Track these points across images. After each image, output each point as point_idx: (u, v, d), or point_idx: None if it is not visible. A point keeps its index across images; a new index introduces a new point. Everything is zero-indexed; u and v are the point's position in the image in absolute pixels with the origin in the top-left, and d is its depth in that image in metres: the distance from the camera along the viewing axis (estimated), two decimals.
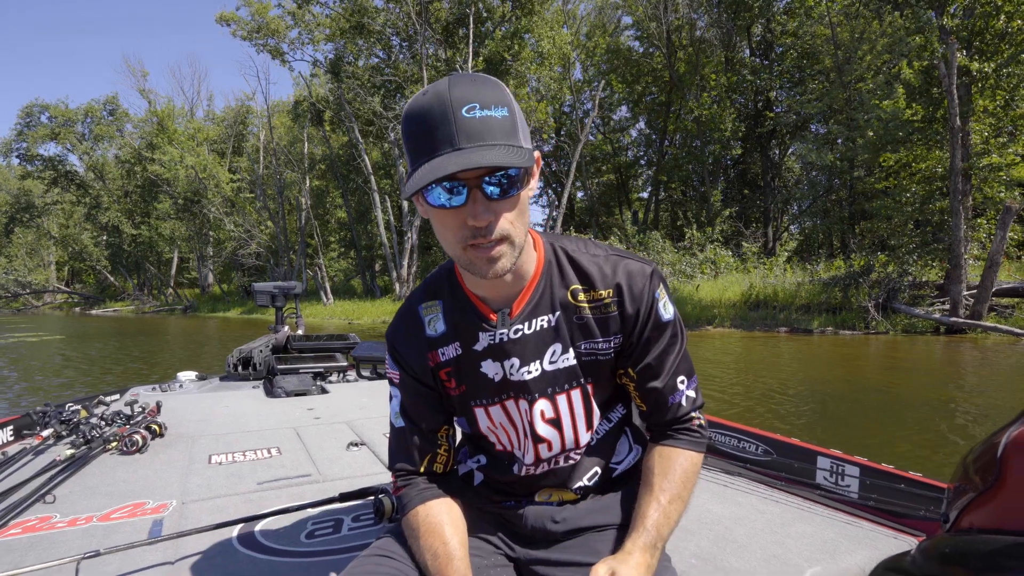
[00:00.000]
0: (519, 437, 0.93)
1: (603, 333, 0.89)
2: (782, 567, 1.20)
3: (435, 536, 0.86)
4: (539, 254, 0.89)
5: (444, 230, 0.77)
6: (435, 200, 0.74)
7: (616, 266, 0.88)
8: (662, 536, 0.84)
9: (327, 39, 22.76)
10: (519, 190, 0.76)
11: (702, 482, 1.73)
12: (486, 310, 0.88)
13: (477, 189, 0.73)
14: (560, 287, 0.88)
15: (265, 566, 1.21)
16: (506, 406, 0.92)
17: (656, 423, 0.95)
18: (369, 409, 2.71)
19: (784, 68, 21.83)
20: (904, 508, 1.42)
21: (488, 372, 0.90)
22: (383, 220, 23.49)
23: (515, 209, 0.76)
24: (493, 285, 0.85)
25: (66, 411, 2.31)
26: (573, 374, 0.90)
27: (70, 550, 1.24)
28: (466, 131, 0.71)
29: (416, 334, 0.93)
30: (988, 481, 0.73)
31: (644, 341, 0.89)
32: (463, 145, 0.70)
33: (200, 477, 1.77)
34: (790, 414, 4.87)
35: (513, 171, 0.73)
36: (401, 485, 0.95)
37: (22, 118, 33.02)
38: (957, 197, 11.03)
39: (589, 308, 0.88)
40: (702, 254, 17.45)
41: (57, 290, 41.50)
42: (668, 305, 0.91)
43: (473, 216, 0.73)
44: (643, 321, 0.88)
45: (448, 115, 0.71)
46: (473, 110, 0.71)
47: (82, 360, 9.91)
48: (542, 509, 0.97)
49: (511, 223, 0.76)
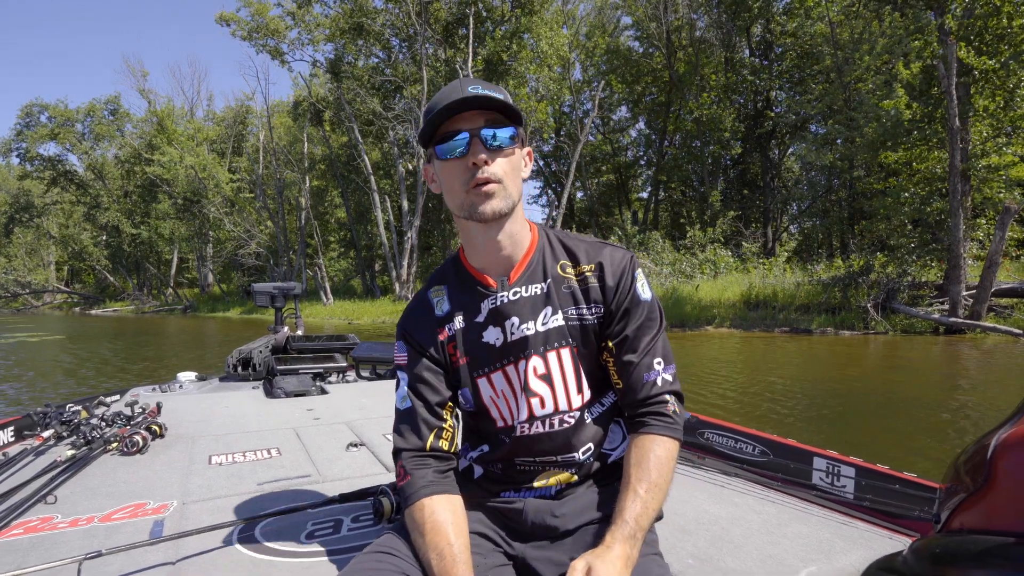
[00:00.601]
0: (518, 405, 1.00)
1: (586, 301, 1.00)
2: (778, 567, 1.21)
3: (440, 535, 0.88)
4: (533, 235, 1.03)
5: (451, 179, 0.93)
6: (445, 153, 0.92)
7: (599, 249, 1.02)
8: (641, 526, 0.87)
9: (327, 39, 22.77)
10: (513, 145, 0.93)
11: (699, 482, 1.74)
12: (485, 279, 1.00)
13: (477, 138, 0.90)
14: (551, 261, 1.01)
15: (266, 566, 1.22)
16: (506, 371, 1.00)
17: (631, 402, 0.99)
18: (368, 410, 2.71)
19: (784, 68, 21.85)
20: (899, 508, 1.43)
21: (490, 339, 0.99)
22: (383, 220, 23.48)
23: (508, 160, 0.92)
24: (492, 254, 0.98)
25: (66, 412, 2.32)
26: (562, 334, 0.99)
27: (72, 550, 1.25)
28: (471, 93, 0.89)
29: (427, 315, 1.04)
30: (978, 482, 0.74)
31: (622, 313, 0.99)
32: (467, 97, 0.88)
33: (200, 478, 1.77)
34: (788, 414, 4.88)
35: (508, 131, 0.91)
36: (407, 472, 0.96)
37: (21, 118, 33.05)
38: (956, 197, 11.04)
39: (575, 279, 1.00)
40: (702, 254, 17.46)
41: (57, 290, 41.48)
42: (646, 287, 1.01)
43: (474, 155, 0.89)
44: (622, 294, 0.99)
45: (457, 89, 0.91)
46: (476, 88, 0.90)
47: (82, 361, 9.92)
48: (541, 503, 1.00)
49: (504, 171, 0.92)
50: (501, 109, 0.90)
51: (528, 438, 0.99)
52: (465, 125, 0.89)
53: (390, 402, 2.84)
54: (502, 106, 0.90)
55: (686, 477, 1.79)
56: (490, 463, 1.05)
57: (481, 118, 0.90)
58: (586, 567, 0.79)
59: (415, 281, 23.23)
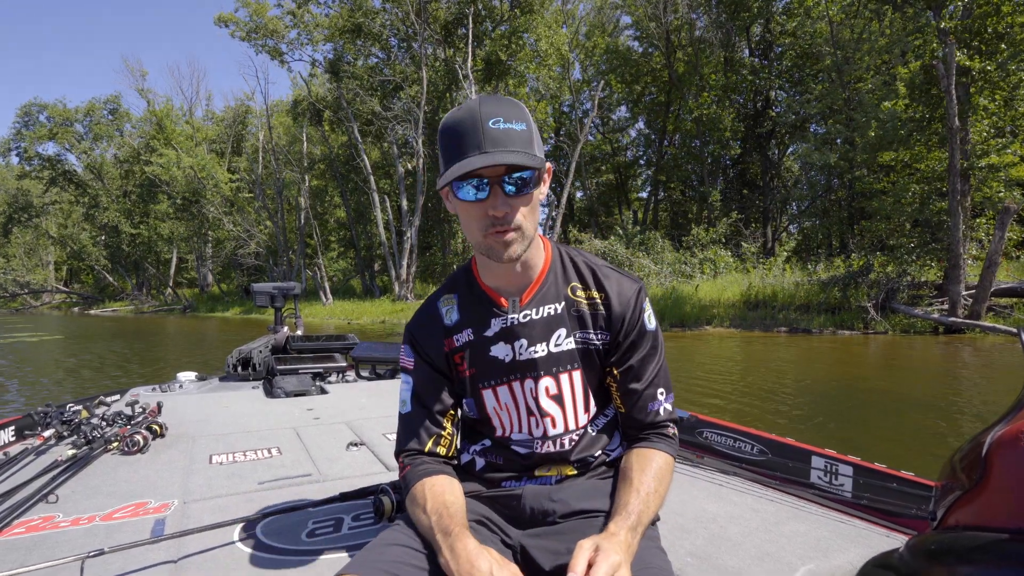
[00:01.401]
0: (520, 417, 1.03)
1: (594, 327, 1.02)
2: (775, 565, 1.22)
3: (438, 501, 0.91)
4: (547, 254, 1.03)
5: (470, 220, 0.92)
6: (464, 196, 0.90)
7: (609, 276, 1.03)
8: (642, 522, 0.89)
9: (326, 39, 22.77)
10: (532, 190, 0.91)
11: (698, 481, 1.75)
12: (499, 298, 1.02)
13: (498, 186, 0.88)
14: (563, 282, 1.03)
15: (267, 564, 1.23)
16: (512, 387, 1.02)
17: (634, 426, 1.04)
18: (368, 409, 2.72)
19: (783, 68, 21.86)
20: (896, 507, 1.44)
21: (499, 354, 1.01)
22: (382, 220, 23.48)
23: (528, 206, 0.91)
24: (505, 275, 0.99)
25: (67, 412, 2.32)
26: (572, 357, 1.01)
27: (73, 549, 1.26)
28: (491, 138, 0.86)
29: (434, 324, 1.05)
30: (973, 479, 0.74)
31: (628, 344, 1.01)
32: (488, 149, 0.85)
33: (201, 477, 1.78)
34: (787, 414, 4.88)
35: (527, 174, 0.88)
36: (406, 465, 1.01)
37: (20, 117, 33.04)
38: (956, 197, 11.05)
39: (586, 304, 1.02)
40: (702, 253, 17.46)
41: (56, 290, 41.46)
42: (652, 318, 1.04)
43: (494, 207, 0.88)
44: (629, 324, 1.01)
45: (477, 125, 0.86)
46: (498, 122, 0.86)
47: (81, 361, 9.91)
48: (540, 488, 1.02)
49: (524, 216, 0.91)
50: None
51: (539, 455, 1.03)
52: (485, 171, 0.86)
53: (390, 402, 2.87)
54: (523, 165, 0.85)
55: (685, 476, 1.79)
56: (492, 455, 1.07)
57: (503, 165, 0.86)
58: (594, 546, 0.81)
59: (414, 281, 23.24)
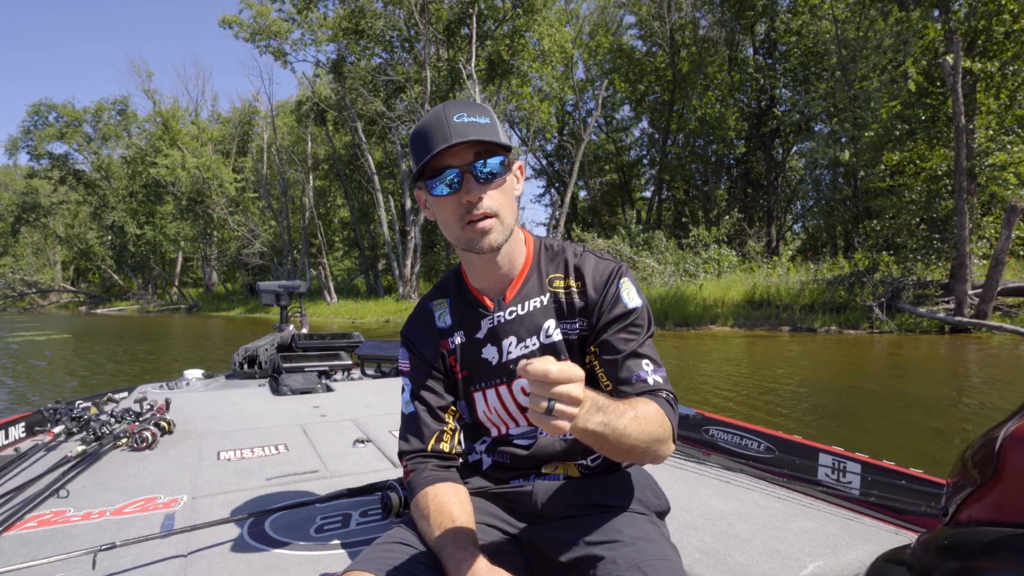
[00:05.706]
0: (512, 416, 1.03)
1: (573, 315, 1.01)
2: (784, 562, 1.22)
3: (443, 514, 0.91)
4: (528, 249, 1.05)
5: (446, 215, 0.94)
6: (439, 192, 0.92)
7: (586, 262, 1.02)
8: (611, 413, 0.78)
9: (329, 40, 22.81)
10: (504, 175, 0.94)
11: (705, 479, 1.75)
12: (484, 300, 1.03)
13: (469, 174, 0.90)
14: (546, 275, 1.04)
15: (276, 559, 1.23)
16: (499, 391, 1.02)
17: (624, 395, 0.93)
18: (374, 407, 2.73)
19: (788, 67, 21.75)
20: (905, 504, 1.44)
21: (488, 356, 1.02)
22: (386, 219, 23.51)
23: (500, 191, 0.93)
24: (490, 275, 1.00)
25: (76, 408, 2.34)
26: (561, 348, 1.01)
27: (85, 543, 1.27)
28: (457, 130, 0.89)
29: (428, 326, 1.07)
30: (986, 475, 0.74)
31: (607, 320, 0.98)
32: (454, 140, 0.88)
33: (210, 473, 1.79)
34: (793, 412, 4.87)
35: (497, 159, 0.92)
36: (410, 469, 1.01)
37: (30, 116, 33.25)
38: (962, 196, 10.98)
39: (564, 294, 1.02)
40: (705, 253, 17.40)
41: (63, 289, 41.71)
42: (632, 294, 0.99)
43: (468, 193, 0.90)
44: (606, 302, 0.98)
45: (443, 121, 0.90)
46: (462, 116, 0.90)
47: (89, 359, 9.97)
48: (552, 484, 1.02)
49: (497, 202, 0.92)
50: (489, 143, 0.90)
51: (542, 450, 1.03)
52: (455, 161, 0.90)
53: (395, 399, 2.87)
54: (490, 142, 0.89)
55: (692, 473, 1.79)
56: (498, 454, 1.07)
57: (470, 151, 0.90)
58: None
59: (418, 280, 23.26)
